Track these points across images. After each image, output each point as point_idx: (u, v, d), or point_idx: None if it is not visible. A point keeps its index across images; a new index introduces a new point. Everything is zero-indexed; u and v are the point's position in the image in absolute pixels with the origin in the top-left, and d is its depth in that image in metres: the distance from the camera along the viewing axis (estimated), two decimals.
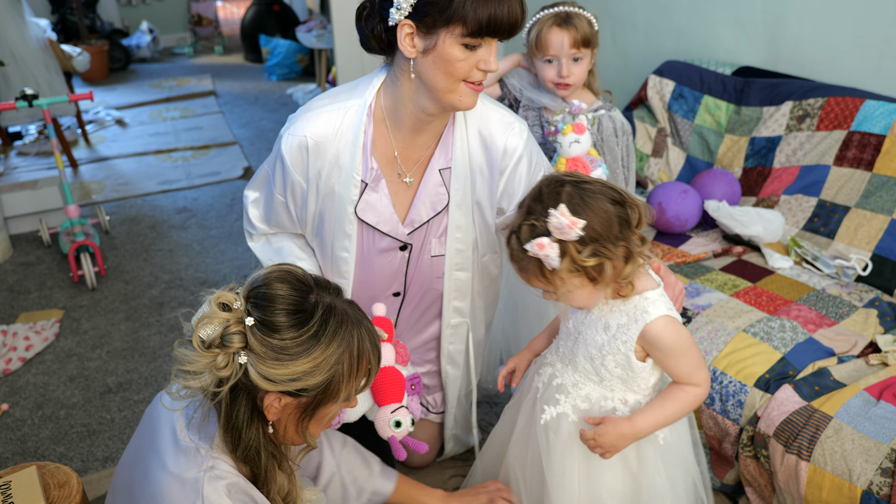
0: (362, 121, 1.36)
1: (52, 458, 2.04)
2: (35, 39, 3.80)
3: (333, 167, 1.38)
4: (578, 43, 1.74)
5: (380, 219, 1.44)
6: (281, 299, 0.97)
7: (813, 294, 1.87)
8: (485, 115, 1.42)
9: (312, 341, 0.96)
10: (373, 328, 1.06)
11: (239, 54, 6.50)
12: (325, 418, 1.05)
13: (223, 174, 3.96)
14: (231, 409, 1.00)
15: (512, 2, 1.22)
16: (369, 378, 1.05)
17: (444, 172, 1.43)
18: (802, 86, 2.22)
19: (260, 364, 0.95)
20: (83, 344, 2.55)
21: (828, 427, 1.47)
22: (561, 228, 1.08)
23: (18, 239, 3.28)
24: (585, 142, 1.66)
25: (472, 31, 1.21)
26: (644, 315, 1.21)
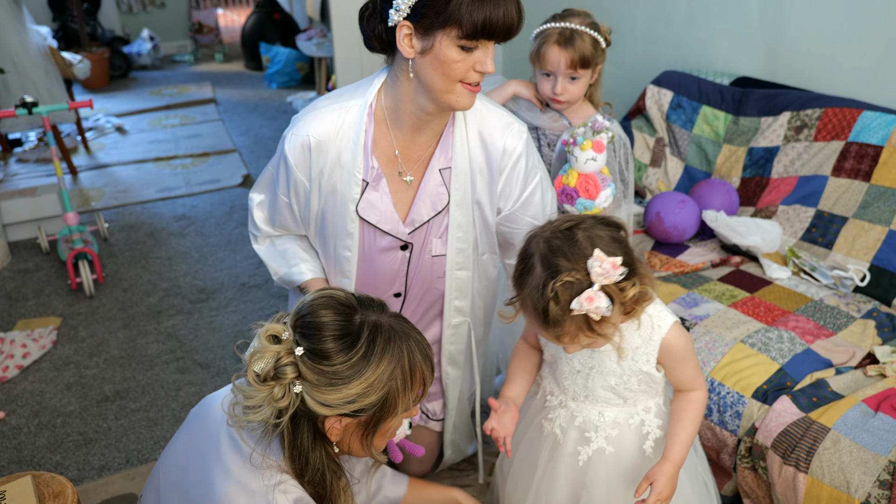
0: (363, 120, 1.38)
1: (47, 466, 2.03)
2: (36, 47, 3.81)
3: (335, 166, 1.40)
4: (576, 64, 1.74)
5: (381, 217, 1.45)
6: (327, 326, 0.98)
7: (811, 305, 1.87)
8: (484, 115, 1.44)
9: (363, 362, 0.97)
10: (422, 338, 1.06)
11: (239, 62, 6.52)
12: (388, 432, 1.06)
13: (222, 182, 3.97)
14: (294, 436, 1.01)
15: (508, 5, 1.23)
16: (425, 388, 1.05)
17: (444, 172, 1.45)
18: (800, 96, 2.22)
19: (315, 392, 0.97)
20: (80, 352, 2.54)
21: (826, 439, 1.47)
22: (606, 273, 1.04)
23: (17, 246, 3.28)
24: (601, 160, 1.67)
25: (468, 33, 1.23)
26: (658, 329, 1.22)
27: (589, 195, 1.66)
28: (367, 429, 1.02)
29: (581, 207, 1.71)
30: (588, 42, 1.74)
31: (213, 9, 6.80)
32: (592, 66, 1.77)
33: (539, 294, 1.08)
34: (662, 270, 2.08)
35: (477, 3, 1.22)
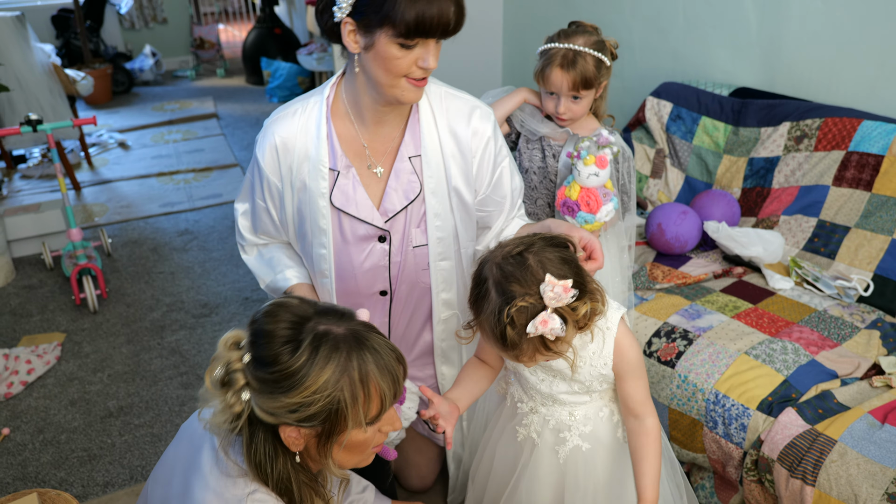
0: (322, 113, 1.40)
1: (52, 483, 2.03)
2: (40, 64, 3.84)
3: (303, 161, 1.42)
4: (578, 86, 1.75)
5: (355, 205, 1.45)
6: (272, 333, 0.97)
7: (815, 315, 1.86)
8: (449, 101, 1.45)
9: (304, 371, 0.95)
10: (386, 351, 1.03)
11: (240, 77, 6.56)
12: (353, 447, 1.04)
13: (224, 196, 3.98)
14: (251, 442, 1.01)
15: (443, 4, 1.23)
16: (385, 403, 1.02)
17: (414, 160, 1.45)
18: (800, 106, 2.23)
19: (259, 399, 0.97)
20: (84, 367, 2.55)
21: (832, 451, 1.46)
22: (558, 297, 1.08)
23: (21, 262, 3.29)
24: (604, 176, 1.67)
25: (402, 32, 1.23)
26: (609, 331, 1.25)
27: (590, 209, 1.67)
28: (321, 441, 1.00)
29: (581, 221, 1.71)
30: (591, 63, 1.75)
31: (214, 24, 6.85)
32: (595, 85, 1.78)
33: (496, 319, 1.12)
34: (664, 282, 2.08)
35: (411, 1, 1.21)
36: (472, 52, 3.66)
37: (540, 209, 2.00)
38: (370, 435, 1.05)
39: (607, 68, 1.79)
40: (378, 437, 1.08)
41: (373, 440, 1.07)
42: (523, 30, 3.54)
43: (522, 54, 3.57)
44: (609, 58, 1.79)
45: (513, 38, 3.64)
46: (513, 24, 3.61)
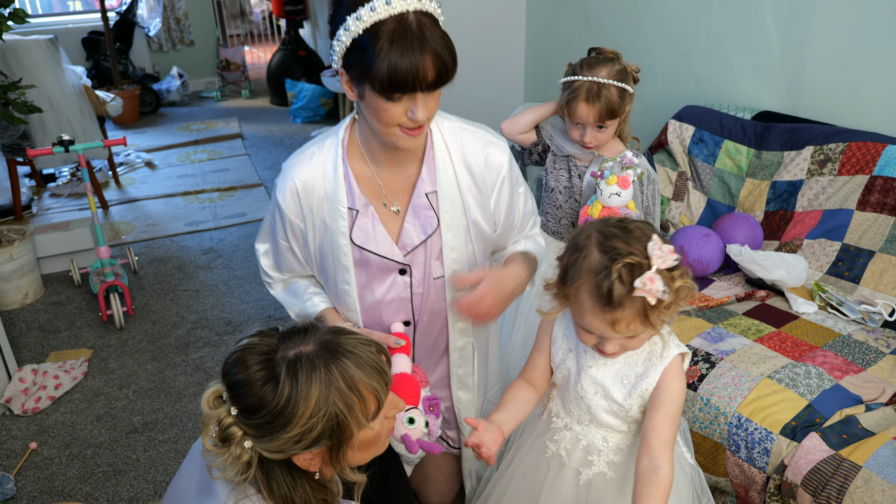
0: (339, 155, 1.41)
1: (78, 497, 2.06)
2: (71, 86, 3.95)
3: (323, 201, 1.43)
4: (604, 117, 1.80)
5: (375, 242, 1.46)
6: (248, 380, 0.97)
7: (839, 340, 1.85)
8: (462, 136, 1.45)
9: (291, 401, 0.95)
10: (362, 349, 1.02)
11: (265, 98, 6.67)
12: (367, 444, 1.06)
13: (249, 215, 4.04)
14: (269, 482, 1.02)
15: (417, 58, 1.19)
16: (381, 397, 1.03)
17: (430, 196, 1.45)
18: (823, 130, 2.23)
19: (261, 443, 0.98)
20: (110, 383, 2.59)
21: (857, 477, 1.45)
22: (664, 256, 1.09)
23: (50, 279, 3.37)
24: (626, 196, 1.70)
25: (378, 89, 1.21)
26: (664, 359, 1.24)
27: None
28: (333, 453, 1.01)
29: None
30: (615, 94, 1.79)
31: (239, 46, 6.99)
32: (620, 113, 1.81)
33: (602, 276, 1.11)
34: (686, 305, 2.07)
35: (386, 58, 1.18)
36: (495, 72, 3.71)
37: (564, 228, 2.02)
38: (378, 428, 1.06)
39: (630, 95, 1.82)
40: (387, 423, 1.09)
41: (383, 430, 1.08)
42: (545, 51, 3.59)
43: (544, 75, 3.61)
44: (631, 84, 1.82)
45: (535, 60, 3.68)
46: (535, 45, 3.65)
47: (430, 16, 1.24)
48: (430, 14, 1.24)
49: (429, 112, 1.29)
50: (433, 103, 1.29)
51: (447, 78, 1.25)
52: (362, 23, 1.19)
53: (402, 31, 1.18)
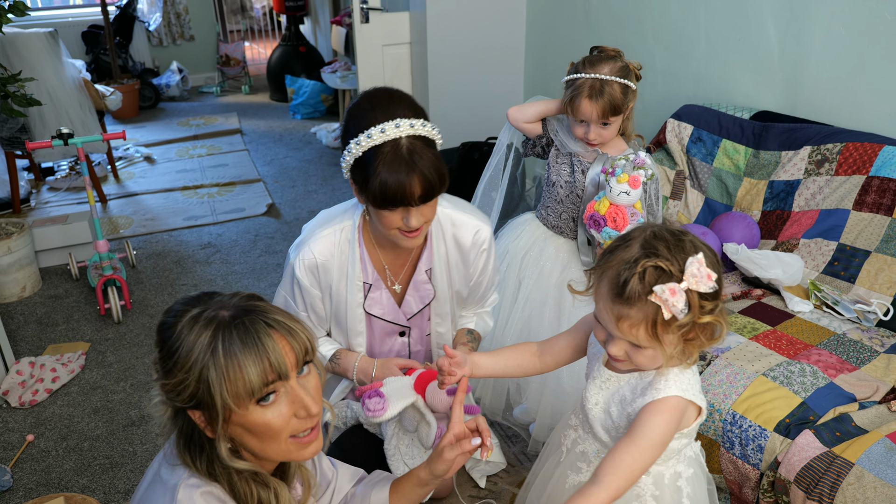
0: (356, 237, 1.60)
1: (75, 489, 2.06)
2: (71, 80, 3.95)
3: (341, 278, 1.62)
4: (607, 113, 1.80)
5: (384, 311, 1.70)
6: (163, 320, 1.03)
7: (833, 338, 1.86)
8: (457, 221, 1.66)
9: (178, 352, 0.98)
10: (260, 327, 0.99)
11: (265, 94, 6.67)
12: (258, 431, 1.02)
13: (248, 210, 4.04)
14: (177, 435, 1.06)
15: (405, 178, 1.37)
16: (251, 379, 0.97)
17: (428, 272, 1.68)
18: (821, 131, 2.24)
19: (159, 384, 1.02)
20: (108, 377, 2.59)
21: (849, 474, 1.46)
22: (700, 278, 1.01)
23: (48, 272, 3.37)
24: (634, 196, 1.71)
25: (374, 203, 1.42)
26: (653, 392, 1.15)
27: (615, 226, 1.69)
28: (211, 423, 1.00)
29: (606, 236, 1.74)
30: (618, 90, 1.79)
31: (240, 42, 6.99)
32: (624, 109, 1.82)
33: (628, 266, 1.06)
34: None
35: (378, 177, 1.37)
36: (495, 71, 3.71)
37: (564, 222, 2.03)
38: (272, 418, 1.01)
39: (633, 92, 1.82)
40: (294, 423, 1.03)
41: (284, 427, 1.02)
42: (545, 50, 3.59)
43: (544, 74, 3.62)
44: (634, 80, 1.82)
45: (535, 59, 3.69)
46: (535, 45, 3.66)
47: (424, 139, 1.42)
48: (423, 137, 1.41)
49: (424, 218, 1.46)
50: (428, 210, 1.46)
51: (434, 193, 1.42)
52: (362, 147, 1.40)
53: (394, 154, 1.37)
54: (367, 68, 3.70)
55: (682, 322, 1.04)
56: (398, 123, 1.38)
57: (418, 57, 3.67)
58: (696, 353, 1.14)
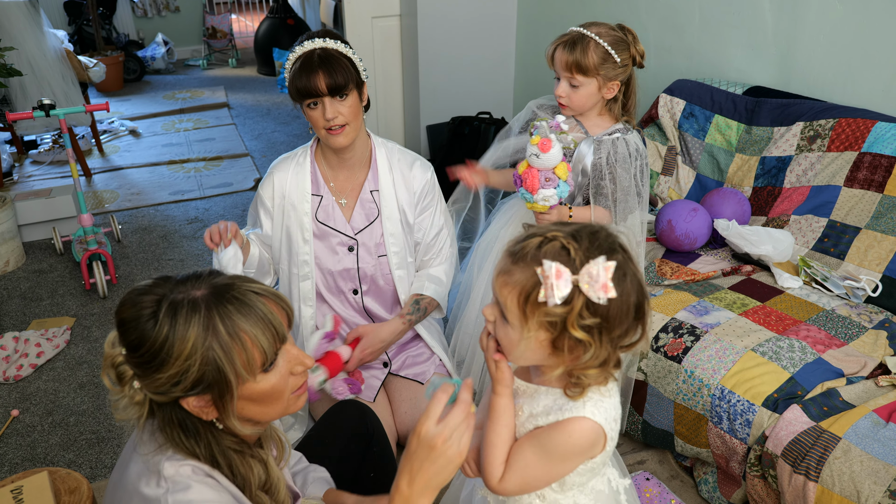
0: (308, 158, 1.92)
1: (61, 464, 2.05)
2: (52, 50, 3.86)
3: (293, 191, 1.90)
4: (571, 68, 1.74)
5: (333, 221, 1.92)
6: (134, 317, 0.96)
7: (822, 314, 1.87)
8: (396, 154, 1.96)
9: (168, 342, 0.94)
10: (251, 297, 0.98)
11: (252, 67, 6.57)
12: (263, 398, 1.02)
13: (235, 185, 4.00)
14: (165, 426, 1.01)
15: (312, 77, 1.69)
16: (265, 350, 0.98)
17: (374, 193, 1.92)
18: (814, 106, 2.23)
19: (143, 383, 0.97)
20: (93, 351, 2.57)
21: (836, 448, 1.47)
22: (594, 282, 0.90)
23: (31, 246, 3.32)
24: (546, 159, 1.63)
25: (296, 99, 1.76)
26: (560, 412, 1.02)
27: (527, 187, 1.68)
28: (220, 402, 0.98)
29: (522, 197, 1.72)
30: (592, 51, 1.72)
31: (226, 14, 6.86)
32: (594, 75, 1.75)
33: (541, 232, 0.97)
34: (673, 278, 2.08)
35: (294, 76, 1.73)
36: (486, 46, 3.66)
37: None
38: (276, 381, 1.01)
39: (617, 66, 1.75)
40: (293, 380, 1.04)
41: (286, 386, 1.03)
42: (537, 25, 3.54)
43: (536, 49, 3.57)
44: (626, 58, 1.76)
45: (526, 33, 3.64)
46: (527, 18, 3.61)
47: (336, 50, 1.74)
48: (335, 49, 1.74)
49: (340, 115, 1.75)
50: (345, 109, 1.75)
51: (340, 87, 1.72)
52: (290, 62, 1.76)
53: (306, 58, 1.72)
54: (356, 41, 3.64)
55: (549, 311, 0.92)
56: (314, 40, 1.75)
57: (408, 30, 3.61)
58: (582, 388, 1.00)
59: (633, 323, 0.97)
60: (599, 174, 1.83)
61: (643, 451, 1.98)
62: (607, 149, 1.81)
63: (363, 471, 1.57)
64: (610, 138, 1.82)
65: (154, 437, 1.02)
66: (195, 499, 0.96)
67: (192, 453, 1.01)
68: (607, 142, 1.82)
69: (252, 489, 1.05)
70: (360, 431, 1.57)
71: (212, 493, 0.99)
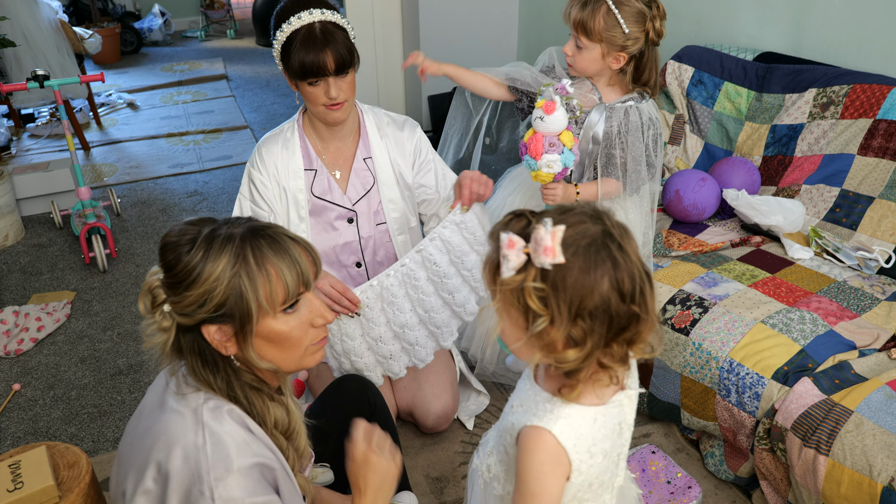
0: (295, 132, 1.82)
1: (63, 438, 2.04)
2: (47, 20, 3.79)
3: (284, 168, 1.80)
4: (578, 26, 1.69)
5: (330, 194, 1.84)
6: (175, 242, 1.02)
7: (834, 286, 1.83)
8: (384, 117, 1.89)
9: (200, 265, 0.98)
10: (284, 239, 1.03)
11: (251, 38, 6.47)
12: (280, 340, 1.04)
13: (234, 158, 3.95)
14: (189, 356, 1.04)
15: (320, 55, 1.60)
16: (289, 288, 1.02)
17: (367, 161, 1.86)
18: (827, 72, 2.16)
19: (173, 303, 1.01)
20: (94, 325, 2.55)
21: (848, 421, 1.44)
22: (538, 244, 0.85)
23: (31, 220, 3.29)
24: (550, 122, 1.59)
25: (295, 76, 1.65)
26: (532, 415, 0.96)
27: (532, 153, 1.63)
28: (241, 333, 1.02)
29: (527, 165, 1.67)
30: (602, 16, 1.66)
31: None
32: (598, 40, 1.69)
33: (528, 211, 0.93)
34: (680, 249, 2.04)
35: (296, 53, 1.61)
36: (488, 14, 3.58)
37: None
38: (296, 326, 1.04)
39: (626, 38, 1.68)
40: (312, 332, 1.07)
41: (304, 335, 1.06)
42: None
43: (539, 17, 3.49)
44: (637, 32, 1.69)
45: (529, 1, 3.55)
46: None
47: (335, 23, 1.65)
48: (334, 22, 1.65)
49: (342, 92, 1.67)
50: (345, 86, 1.68)
51: (347, 66, 1.65)
52: (284, 34, 1.63)
53: (308, 33, 1.61)
54: (356, 10, 3.56)
55: (505, 281, 0.88)
56: (311, 11, 1.63)
57: None
58: (571, 386, 0.93)
59: (622, 310, 0.88)
60: (610, 143, 1.78)
61: (649, 424, 1.96)
62: (619, 117, 1.76)
63: None
64: (623, 106, 1.77)
65: (186, 382, 1.05)
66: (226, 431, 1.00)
67: (208, 384, 1.04)
68: (619, 110, 1.77)
69: (269, 427, 1.08)
70: (361, 403, 1.55)
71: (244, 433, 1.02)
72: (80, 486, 1.40)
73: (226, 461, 0.96)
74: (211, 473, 0.95)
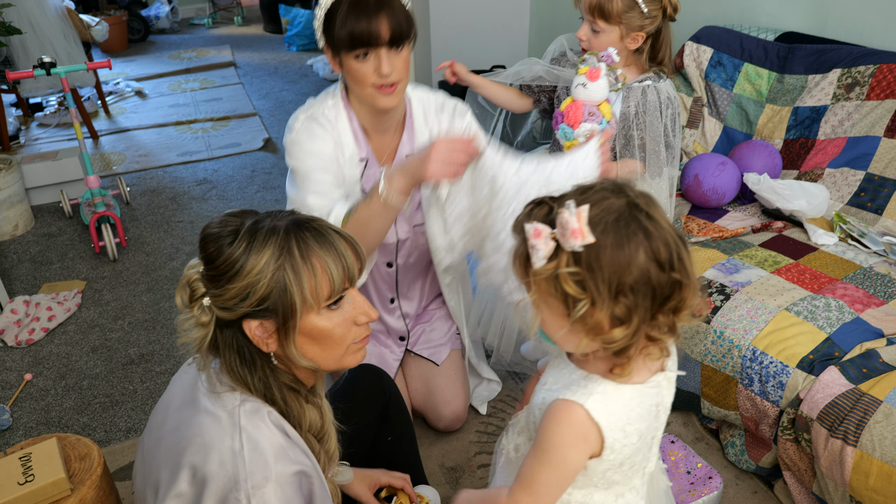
0: (341, 114, 1.57)
1: (75, 428, 2.03)
2: (53, 8, 3.75)
3: (336, 151, 1.57)
4: (594, 10, 1.65)
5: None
6: (217, 234, 0.99)
7: (860, 272, 1.78)
8: (431, 104, 1.67)
9: (243, 257, 0.96)
10: (329, 233, 1.00)
11: (258, 25, 6.42)
12: (321, 337, 1.02)
13: (243, 146, 3.91)
14: (226, 353, 1.01)
15: (372, 20, 1.38)
16: (334, 282, 0.99)
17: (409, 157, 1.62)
18: (852, 52, 2.10)
19: (214, 299, 0.98)
20: (105, 315, 2.53)
21: (877, 411, 1.40)
22: (564, 227, 0.83)
23: (40, 210, 3.27)
24: (593, 90, 1.54)
25: (344, 48, 1.42)
26: (564, 391, 0.94)
27: (569, 122, 1.57)
28: (283, 329, 0.99)
29: (562, 134, 1.62)
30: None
31: None
32: (617, 23, 1.66)
33: (548, 197, 0.91)
34: (700, 235, 2.00)
35: (344, 19, 1.39)
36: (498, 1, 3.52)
37: None
38: (339, 323, 1.02)
39: (644, 16, 1.65)
40: (355, 330, 1.04)
41: (347, 333, 1.03)
42: None
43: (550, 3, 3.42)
44: (655, 9, 1.66)
45: None
46: None
47: None
48: None
49: (396, 70, 1.44)
50: (400, 63, 1.45)
51: (403, 37, 1.42)
52: (327, 0, 1.43)
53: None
54: None
55: (538, 271, 0.86)
56: None
57: None
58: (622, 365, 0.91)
59: (662, 280, 0.85)
60: (628, 124, 1.74)
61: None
62: (636, 97, 1.72)
63: (381, 434, 1.54)
64: (640, 86, 1.72)
65: (220, 381, 1.02)
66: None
67: (244, 383, 1.01)
68: (636, 90, 1.72)
69: (304, 430, 1.06)
70: (377, 394, 1.53)
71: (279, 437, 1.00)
72: (91, 478, 1.39)
73: (264, 469, 0.94)
74: (249, 481, 0.92)
